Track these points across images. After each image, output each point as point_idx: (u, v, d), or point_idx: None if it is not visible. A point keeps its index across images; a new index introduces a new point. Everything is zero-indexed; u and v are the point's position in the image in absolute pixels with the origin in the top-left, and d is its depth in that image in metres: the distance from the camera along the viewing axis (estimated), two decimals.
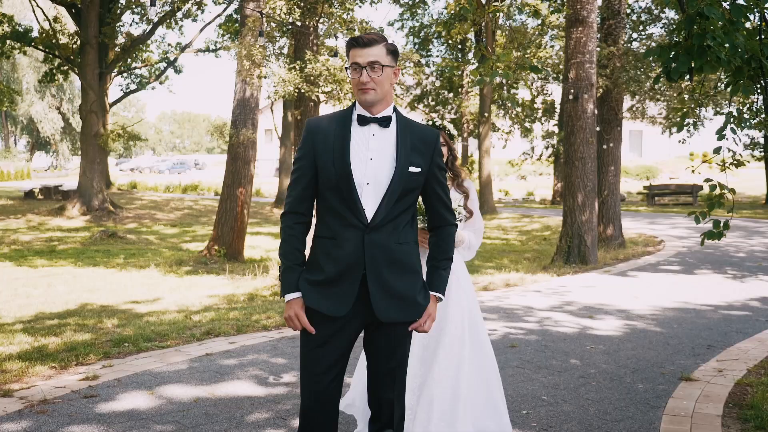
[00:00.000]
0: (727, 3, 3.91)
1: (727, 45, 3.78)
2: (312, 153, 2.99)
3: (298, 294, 2.99)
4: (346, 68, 3.12)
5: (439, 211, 3.13)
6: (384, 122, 3.00)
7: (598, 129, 14.46)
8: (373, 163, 2.95)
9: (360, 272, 2.95)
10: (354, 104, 3.07)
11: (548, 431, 4.51)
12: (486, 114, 24.90)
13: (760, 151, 27.55)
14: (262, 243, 16.31)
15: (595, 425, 4.62)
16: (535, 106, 27.49)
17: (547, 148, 29.49)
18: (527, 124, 28.32)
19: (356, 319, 3.01)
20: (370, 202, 2.94)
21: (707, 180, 4.29)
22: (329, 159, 2.94)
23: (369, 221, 2.94)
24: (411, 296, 3.02)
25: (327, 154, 2.95)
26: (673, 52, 3.94)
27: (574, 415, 4.81)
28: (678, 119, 16.64)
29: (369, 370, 3.14)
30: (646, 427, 4.60)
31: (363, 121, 2.99)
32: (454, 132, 4.24)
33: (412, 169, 2.97)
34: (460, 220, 4.03)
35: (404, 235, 3.02)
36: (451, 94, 28.41)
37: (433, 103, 28.50)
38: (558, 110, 27.16)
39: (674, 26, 17.03)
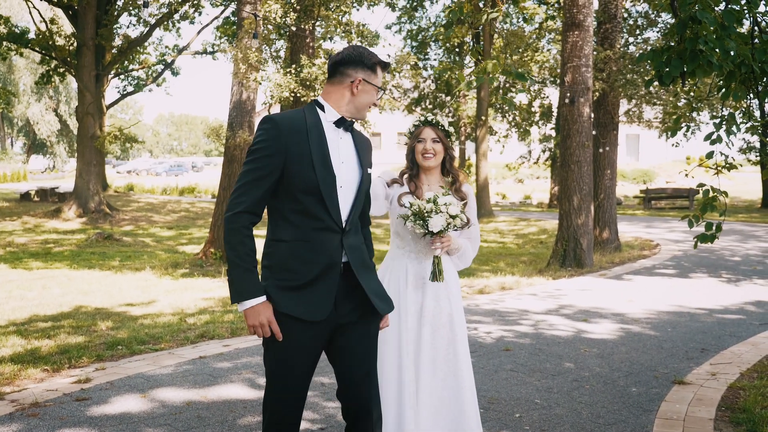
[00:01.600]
0: (720, 8, 3.91)
1: (719, 50, 3.78)
2: (284, 154, 2.89)
3: (264, 298, 2.89)
4: (366, 81, 3.05)
5: (366, 212, 3.25)
6: (350, 126, 3.09)
7: (594, 133, 14.48)
8: (344, 167, 3.02)
9: (337, 274, 2.96)
10: (315, 105, 3.06)
11: None
12: (483, 117, 24.93)
13: (756, 155, 27.59)
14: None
15: (588, 429, 4.62)
16: (533, 109, 27.52)
17: (544, 151, 29.53)
18: (524, 127, 28.35)
19: (329, 323, 2.97)
20: (344, 205, 3.00)
21: (700, 185, 4.30)
22: (308, 162, 2.90)
23: (344, 224, 2.99)
24: (383, 291, 3.15)
25: (305, 158, 2.90)
26: (665, 56, 3.95)
27: (567, 418, 4.81)
28: (672, 123, 16.67)
29: (342, 377, 3.07)
30: (639, 430, 4.60)
31: (339, 123, 3.05)
32: (450, 129, 3.98)
33: (369, 170, 3.12)
34: (457, 229, 3.78)
35: (361, 236, 3.15)
36: (448, 98, 28.43)
37: (430, 106, 28.53)
38: (555, 114, 27.19)
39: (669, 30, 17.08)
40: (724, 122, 4.10)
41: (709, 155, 4.26)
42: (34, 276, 11.68)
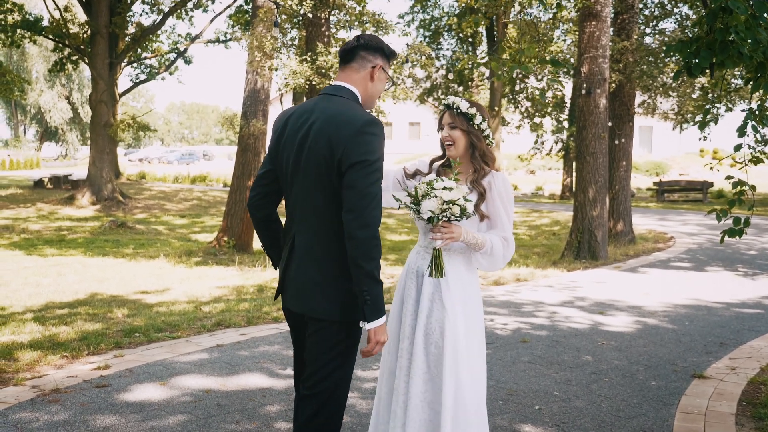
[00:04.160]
0: None
1: (749, 40, 3.72)
2: None
3: None
4: (383, 69, 3.05)
5: None
6: None
7: (609, 124, 14.37)
8: None
9: None
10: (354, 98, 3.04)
11: (561, 427, 4.49)
12: (496, 108, 24.80)
13: None
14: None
15: (608, 422, 4.60)
16: (546, 101, 27.30)
17: (556, 142, 29.37)
18: (537, 119, 28.16)
19: None
20: None
21: (728, 177, 4.25)
22: None
23: None
24: None
25: None
26: (694, 47, 3.89)
27: (586, 411, 4.79)
28: (701, 117, 16.50)
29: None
30: (660, 425, 4.57)
31: None
32: (471, 111, 3.35)
33: None
34: (458, 219, 3.17)
35: None
36: (461, 88, 28.28)
37: (442, 97, 28.41)
38: (568, 104, 27.01)
39: (687, 21, 16.88)
40: (753, 115, 4.04)
41: (737, 148, 4.20)
42: (49, 263, 11.74)
